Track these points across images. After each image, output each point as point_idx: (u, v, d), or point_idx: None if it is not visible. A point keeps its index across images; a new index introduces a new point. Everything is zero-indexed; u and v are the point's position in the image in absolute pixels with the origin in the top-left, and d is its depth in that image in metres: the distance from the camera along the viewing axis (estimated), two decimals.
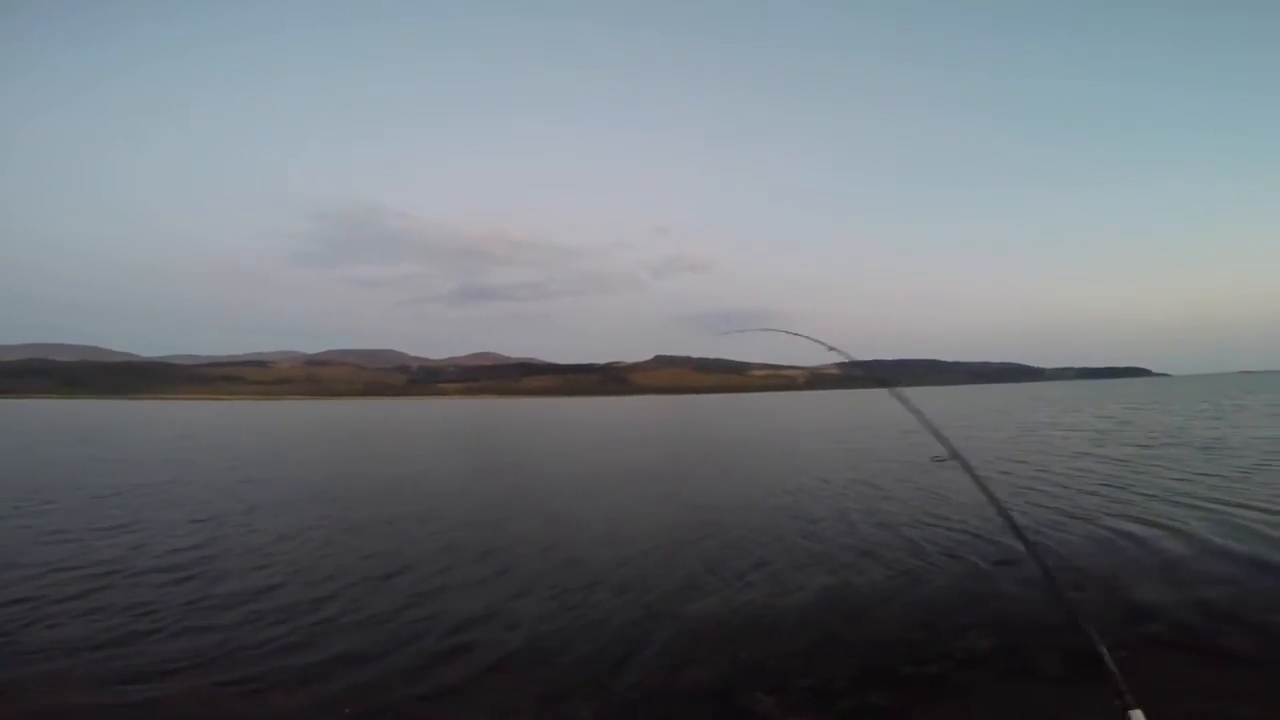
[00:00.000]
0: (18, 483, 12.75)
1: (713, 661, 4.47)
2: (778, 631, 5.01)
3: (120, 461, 17.48)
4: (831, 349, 4.23)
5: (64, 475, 13.96)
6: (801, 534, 8.06)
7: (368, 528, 8.64)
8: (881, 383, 4.03)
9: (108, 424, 39.48)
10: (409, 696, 3.97)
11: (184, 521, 8.93)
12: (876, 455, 15.82)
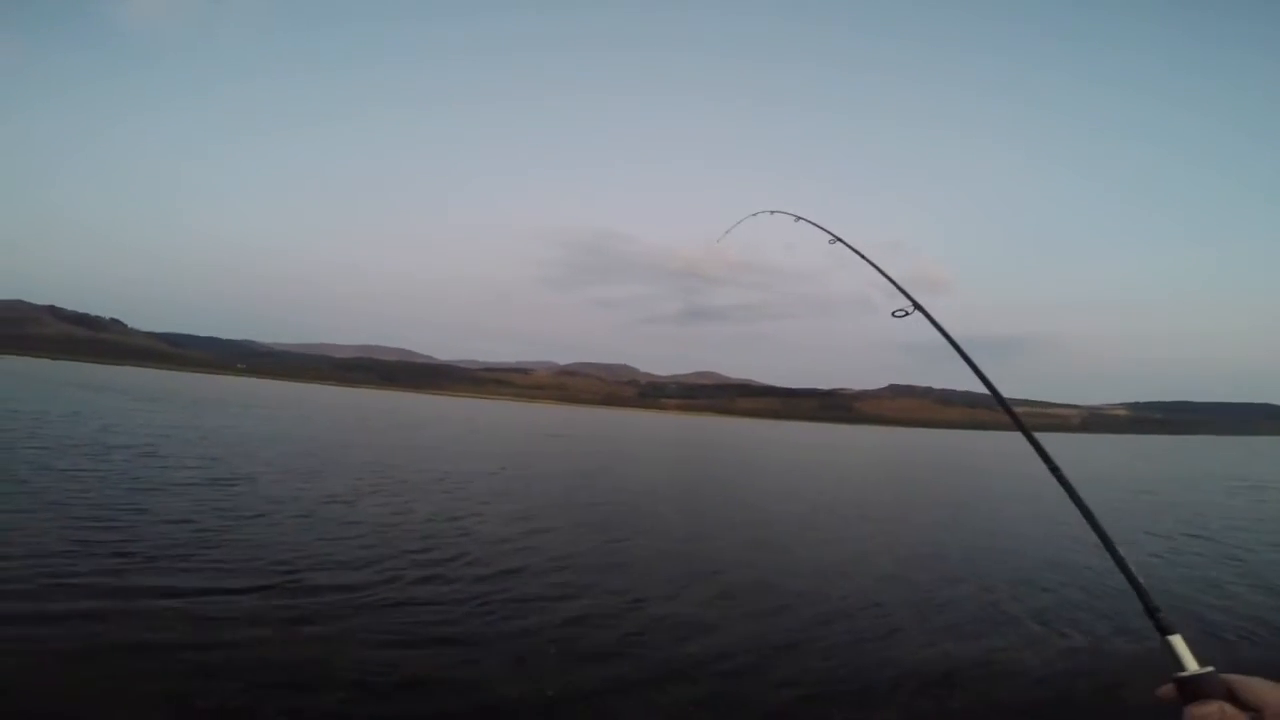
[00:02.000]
0: (419, 465, 16.38)
1: (909, 703, 4.46)
2: (995, 687, 4.77)
3: (429, 449, 21.67)
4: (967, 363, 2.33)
5: (407, 459, 17.58)
6: (1063, 583, 7.70)
7: (617, 532, 9.64)
8: (1019, 424, 2.50)
9: (426, 415, 49.05)
10: (606, 690, 4.37)
11: (501, 516, 10.22)
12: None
